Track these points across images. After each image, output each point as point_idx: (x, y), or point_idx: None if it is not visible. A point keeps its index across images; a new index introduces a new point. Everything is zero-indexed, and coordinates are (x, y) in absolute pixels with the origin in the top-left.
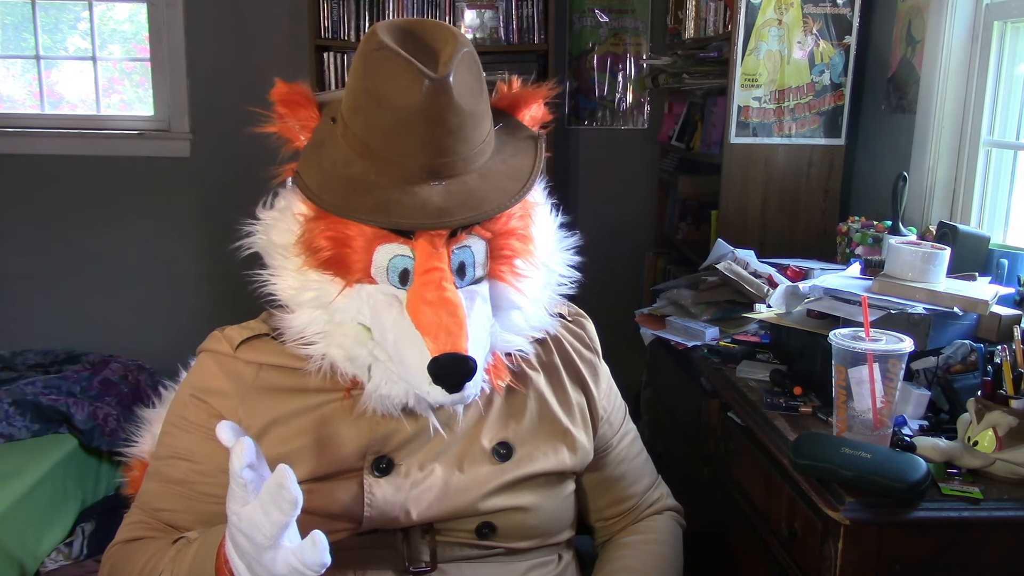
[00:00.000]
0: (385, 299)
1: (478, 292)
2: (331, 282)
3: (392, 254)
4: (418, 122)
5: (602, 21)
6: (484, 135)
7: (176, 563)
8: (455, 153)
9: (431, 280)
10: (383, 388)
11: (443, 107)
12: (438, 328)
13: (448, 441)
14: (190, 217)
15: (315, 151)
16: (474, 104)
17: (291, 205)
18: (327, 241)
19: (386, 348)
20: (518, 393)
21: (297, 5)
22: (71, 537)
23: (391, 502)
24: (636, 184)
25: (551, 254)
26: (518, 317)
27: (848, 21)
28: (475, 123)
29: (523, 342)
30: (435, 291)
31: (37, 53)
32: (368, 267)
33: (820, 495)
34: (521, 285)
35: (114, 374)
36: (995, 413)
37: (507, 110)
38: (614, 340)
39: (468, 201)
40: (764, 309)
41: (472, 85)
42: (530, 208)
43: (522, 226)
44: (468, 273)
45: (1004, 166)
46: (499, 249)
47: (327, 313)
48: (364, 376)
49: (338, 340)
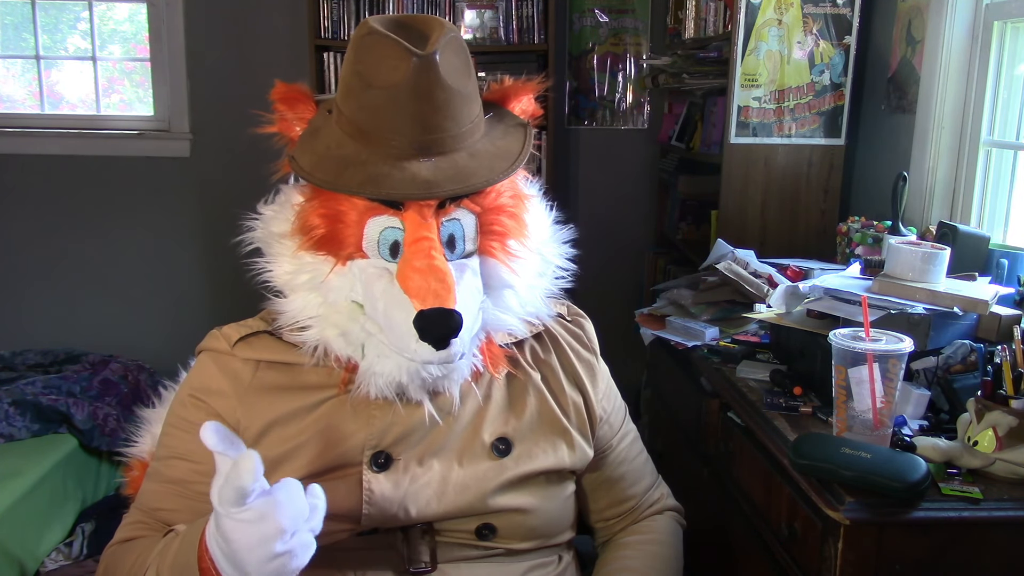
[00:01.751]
0: (376, 271)
1: (468, 265)
2: (324, 262)
3: (382, 226)
4: (406, 98)
5: (602, 21)
6: (473, 115)
7: (162, 556)
8: (443, 130)
9: (420, 249)
10: (376, 365)
11: (430, 83)
12: (426, 291)
13: (447, 436)
14: (190, 217)
15: (310, 138)
16: (461, 83)
17: (290, 199)
18: (320, 219)
19: (377, 319)
20: (518, 388)
21: (297, 5)
22: (71, 537)
23: (390, 498)
24: (636, 184)
25: (546, 243)
26: (511, 297)
27: (848, 21)
28: (463, 101)
29: (517, 323)
30: (424, 259)
31: (37, 53)
32: (360, 241)
33: (820, 495)
34: (514, 265)
35: (114, 374)
36: (995, 413)
37: (498, 102)
38: (614, 340)
39: (456, 175)
40: (764, 309)
41: (459, 66)
42: (521, 192)
43: (512, 204)
44: (458, 246)
45: (1004, 166)
46: (489, 224)
47: (321, 295)
48: (358, 355)
49: (332, 320)
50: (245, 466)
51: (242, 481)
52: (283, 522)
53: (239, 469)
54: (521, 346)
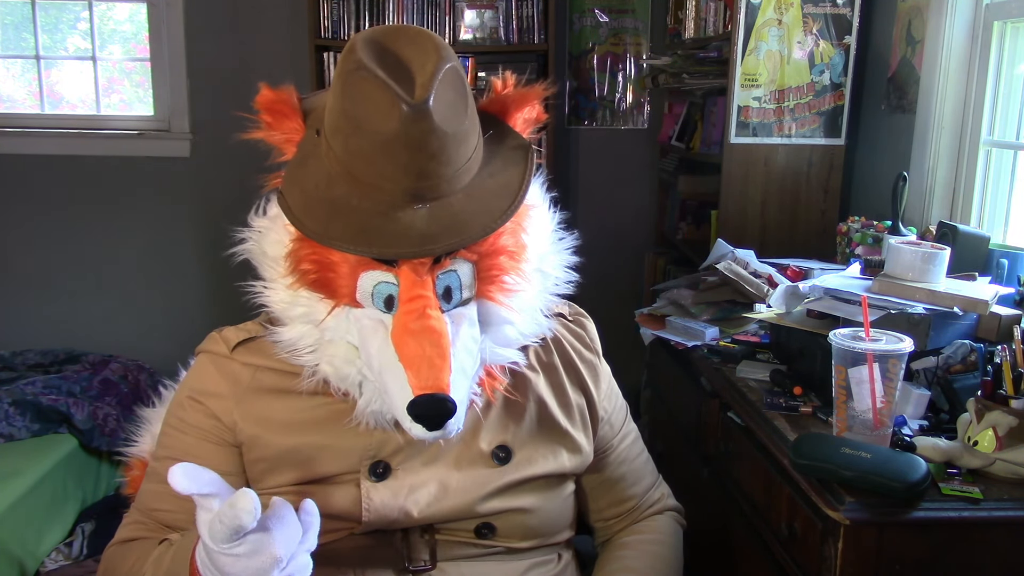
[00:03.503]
0: (371, 324)
1: (465, 315)
2: (320, 301)
3: (376, 280)
4: (398, 148)
5: (602, 21)
6: (469, 153)
7: (157, 564)
8: (438, 176)
9: (414, 309)
10: (374, 404)
11: (423, 132)
12: (420, 360)
13: (445, 446)
14: (190, 217)
15: (299, 169)
16: (456, 125)
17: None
18: (312, 264)
19: (372, 376)
20: (518, 393)
21: (297, 5)
22: (71, 537)
23: (389, 505)
24: (636, 184)
25: (546, 258)
26: (510, 331)
27: (848, 21)
28: (458, 144)
29: (516, 354)
30: (418, 320)
31: (37, 53)
32: (354, 292)
33: (820, 495)
34: (511, 300)
35: (114, 374)
36: (995, 413)
37: (499, 114)
38: (614, 340)
39: (452, 225)
40: (764, 309)
41: (455, 103)
42: (522, 217)
43: (512, 243)
44: (455, 296)
45: (1004, 166)
46: (486, 270)
47: (318, 330)
48: (355, 392)
49: (328, 357)
50: (243, 507)
51: (241, 521)
52: (278, 551)
53: (237, 510)
54: (524, 350)
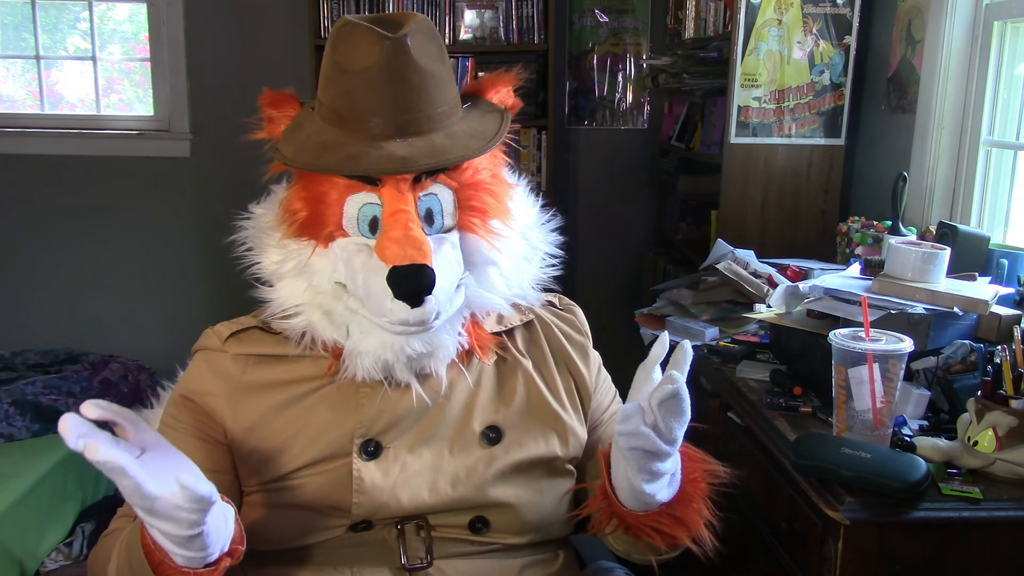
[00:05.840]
0: (356, 247)
1: (447, 238)
2: (308, 246)
3: (361, 203)
4: (379, 79)
5: (602, 21)
6: (449, 99)
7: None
8: (418, 110)
9: (397, 221)
10: (361, 344)
11: (403, 64)
12: (402, 257)
13: (436, 423)
14: (190, 217)
15: (293, 131)
16: (435, 67)
17: (279, 197)
18: (302, 202)
19: (357, 293)
20: (507, 375)
21: (297, 5)
22: (71, 537)
23: (380, 487)
24: (636, 184)
25: (531, 228)
26: (495, 276)
27: (848, 21)
28: (437, 84)
29: (502, 303)
30: (401, 230)
31: (37, 53)
32: (340, 220)
33: (820, 495)
34: (497, 243)
35: (114, 374)
36: (995, 413)
37: (476, 93)
38: (614, 340)
39: (432, 152)
40: (764, 309)
41: (432, 51)
42: (501, 175)
43: (491, 182)
44: (436, 220)
45: (1004, 166)
46: (467, 200)
47: (306, 279)
48: (343, 337)
49: (317, 302)
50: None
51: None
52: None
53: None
54: (511, 334)
